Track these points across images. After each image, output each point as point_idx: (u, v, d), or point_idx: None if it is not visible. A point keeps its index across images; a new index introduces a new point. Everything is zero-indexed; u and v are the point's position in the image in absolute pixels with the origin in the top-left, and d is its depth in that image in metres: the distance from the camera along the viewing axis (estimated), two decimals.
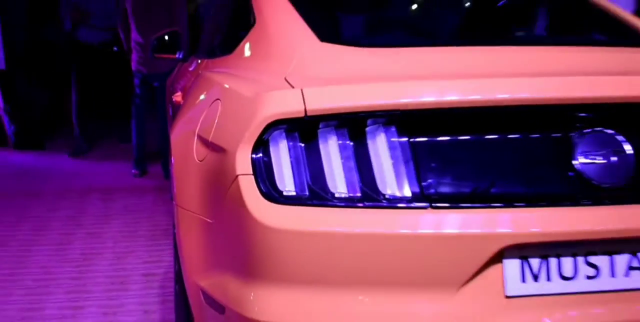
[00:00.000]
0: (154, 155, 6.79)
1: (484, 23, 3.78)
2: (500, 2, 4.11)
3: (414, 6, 3.96)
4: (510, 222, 2.02)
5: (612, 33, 3.13)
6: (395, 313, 2.01)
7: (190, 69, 4.01)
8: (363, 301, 2.01)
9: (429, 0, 4.28)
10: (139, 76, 6.47)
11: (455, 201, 2.04)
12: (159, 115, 6.30)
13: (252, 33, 2.89)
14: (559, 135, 2.13)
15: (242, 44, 2.94)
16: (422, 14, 3.99)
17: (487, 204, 2.04)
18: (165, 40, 4.39)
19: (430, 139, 2.08)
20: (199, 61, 3.81)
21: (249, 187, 2.04)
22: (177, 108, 3.68)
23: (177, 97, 3.94)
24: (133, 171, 6.64)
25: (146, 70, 6.35)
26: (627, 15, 3.19)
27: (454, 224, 2.00)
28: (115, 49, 10.05)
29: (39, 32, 8.15)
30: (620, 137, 2.13)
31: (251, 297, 2.07)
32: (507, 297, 2.03)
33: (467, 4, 4.17)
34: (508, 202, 2.05)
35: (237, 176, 2.06)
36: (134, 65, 6.49)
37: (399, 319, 2.01)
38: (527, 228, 2.02)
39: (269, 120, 2.03)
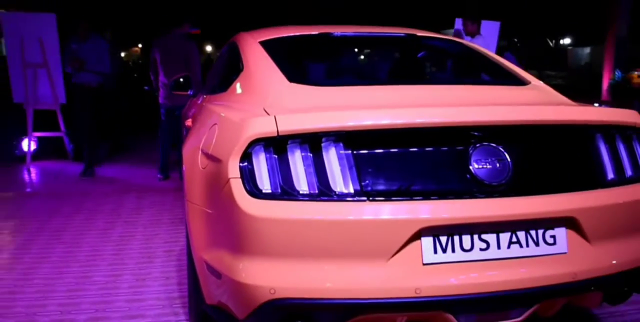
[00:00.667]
0: (174, 164, 6.75)
1: (409, 68, 3.81)
2: (420, 54, 4.14)
3: (359, 57, 3.98)
4: (426, 210, 2.04)
5: (497, 75, 3.16)
6: (345, 275, 2.01)
7: (198, 102, 3.98)
8: (323, 268, 2.01)
9: (370, 53, 4.30)
10: (165, 107, 6.43)
11: (386, 196, 2.05)
12: (179, 135, 6.27)
13: (241, 76, 2.89)
14: (460, 148, 2.15)
15: (233, 84, 2.94)
16: (364, 62, 4.01)
17: (410, 198, 2.05)
18: (180, 81, 4.36)
19: (368, 151, 2.09)
20: (204, 96, 3.79)
21: (237, 187, 2.04)
22: (188, 130, 3.66)
23: (188, 122, 3.92)
24: (159, 176, 6.59)
25: (169, 103, 6.33)
26: (507, 63, 3.22)
27: (385, 212, 2.01)
28: (146, 88, 10.02)
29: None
30: (501, 149, 2.15)
31: (240, 266, 2.07)
32: (424, 264, 2.03)
33: (397, 55, 4.19)
34: (424, 196, 2.07)
35: (229, 179, 2.06)
36: (161, 100, 6.45)
37: (348, 279, 2.01)
38: (438, 215, 2.03)
39: (252, 139, 2.04)
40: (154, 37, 6.75)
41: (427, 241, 2.03)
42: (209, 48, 36.88)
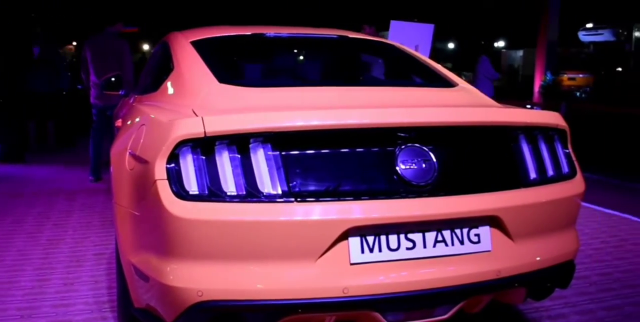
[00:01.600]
0: (106, 165, 6.61)
1: (341, 70, 3.83)
2: (353, 56, 4.17)
3: (292, 58, 3.98)
4: (353, 211, 2.05)
5: (426, 77, 3.21)
6: (273, 276, 2.01)
7: (129, 102, 3.91)
8: (251, 269, 2.01)
9: (302, 54, 4.30)
10: (96, 107, 6.30)
11: (314, 196, 2.06)
12: (110, 136, 6.16)
13: (171, 76, 2.85)
14: (387, 149, 2.17)
15: (164, 84, 2.90)
16: (297, 64, 4.01)
17: (337, 198, 2.07)
18: (112, 81, 4.27)
19: (296, 152, 2.09)
20: (135, 96, 3.72)
21: (164, 188, 2.02)
22: (117, 131, 3.59)
23: (118, 123, 3.84)
24: (90, 177, 6.45)
25: (101, 103, 6.20)
26: (436, 65, 3.28)
27: (313, 212, 2.02)
28: (79, 87, 9.80)
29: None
30: (427, 150, 2.18)
31: (168, 269, 2.04)
32: (352, 264, 2.05)
33: (328, 57, 4.21)
34: (352, 196, 2.08)
35: (155, 180, 2.03)
36: (92, 100, 6.32)
37: (276, 279, 2.01)
38: (365, 215, 2.05)
39: (179, 140, 2.01)
40: (87, 35, 6.61)
41: (354, 241, 2.05)
42: (146, 47, 36.25)
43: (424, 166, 2.15)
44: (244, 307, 2.00)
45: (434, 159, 2.17)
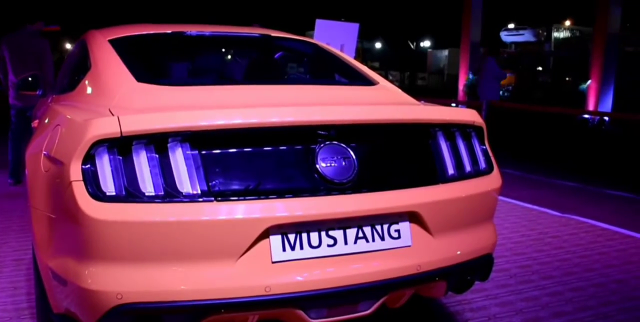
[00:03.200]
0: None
1: (263, 69, 3.82)
2: (277, 55, 4.17)
3: (213, 57, 3.95)
4: (273, 209, 2.05)
5: (347, 75, 3.24)
6: (194, 276, 1.99)
7: (47, 102, 3.79)
8: (171, 270, 1.98)
9: (225, 53, 4.27)
10: (15, 108, 6.09)
11: (234, 195, 2.05)
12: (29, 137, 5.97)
13: (88, 75, 2.78)
14: (307, 147, 2.18)
15: (80, 83, 2.83)
16: (220, 61, 3.98)
17: (256, 197, 2.06)
18: (29, 80, 4.13)
19: (215, 151, 2.08)
20: (53, 96, 3.62)
21: (80, 189, 1.97)
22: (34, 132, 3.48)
23: (35, 123, 3.72)
24: (9, 180, 6.22)
25: (19, 103, 6.00)
26: (357, 63, 3.32)
27: (232, 211, 2.01)
28: None
29: None
30: (347, 148, 2.20)
31: (86, 272, 2.00)
32: (273, 262, 2.05)
33: (255, 55, 4.20)
34: (272, 195, 2.08)
35: (71, 182, 1.98)
36: (11, 100, 6.11)
37: (197, 280, 1.99)
38: (285, 213, 2.06)
39: (94, 140, 1.97)
40: (4, 34, 6.38)
41: (275, 239, 2.05)
42: (68, 45, 35.23)
43: (343, 163, 2.17)
44: (165, 309, 1.98)
45: (354, 157, 2.20)
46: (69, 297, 2.11)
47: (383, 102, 2.68)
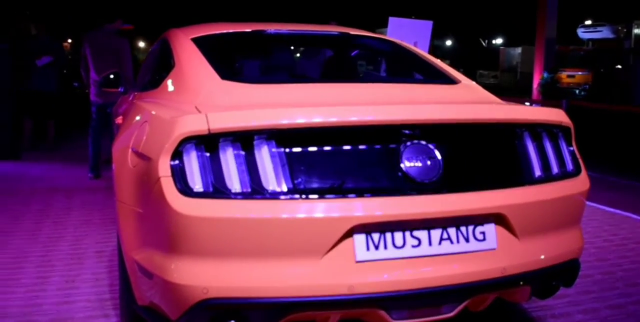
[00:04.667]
0: (105, 163, 6.62)
1: (342, 67, 3.83)
2: (353, 53, 4.17)
3: (292, 55, 3.98)
4: (358, 208, 2.05)
5: (428, 74, 3.21)
6: (278, 273, 2.01)
7: (129, 99, 3.90)
8: (256, 266, 2.01)
9: (303, 51, 4.30)
10: (96, 105, 6.30)
11: (319, 194, 2.06)
12: (110, 134, 6.16)
13: (173, 73, 2.85)
14: (391, 146, 2.17)
15: (164, 81, 2.90)
16: (298, 60, 4.01)
17: (342, 195, 2.07)
18: (110, 78, 4.26)
19: (300, 149, 2.09)
20: (135, 94, 3.72)
21: (168, 185, 2.02)
22: (118, 128, 3.59)
23: (119, 120, 3.83)
24: (89, 174, 6.44)
25: (100, 100, 6.20)
26: (438, 61, 3.28)
27: (317, 210, 2.02)
28: (75, 84, 9.81)
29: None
30: (432, 147, 2.18)
31: (172, 266, 2.04)
32: (357, 261, 2.05)
33: (330, 53, 4.21)
34: (356, 194, 2.08)
35: (159, 178, 2.03)
36: (92, 97, 6.33)
37: (281, 277, 2.01)
38: (370, 212, 2.05)
39: (183, 137, 2.01)
40: (84, 32, 6.61)
41: (359, 239, 2.05)
42: (141, 44, 36.24)
43: (428, 163, 2.16)
44: (249, 304, 2.00)
45: (439, 156, 2.17)
46: (155, 290, 2.16)
47: (467, 100, 2.64)
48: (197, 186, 2.01)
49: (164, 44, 3.36)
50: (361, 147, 2.15)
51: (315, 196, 2.04)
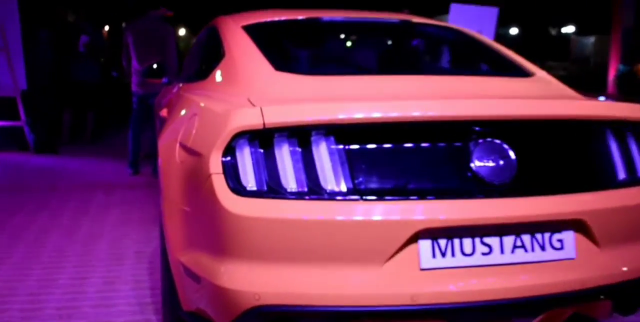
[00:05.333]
0: (146, 158, 6.74)
1: (404, 57, 3.80)
2: (414, 42, 4.14)
3: (350, 44, 3.97)
4: (424, 211, 2.03)
5: (498, 66, 3.17)
6: (336, 280, 2.00)
7: (174, 90, 3.95)
8: (312, 272, 2.00)
9: (360, 39, 4.29)
10: (137, 96, 6.40)
11: (380, 194, 2.04)
12: (151, 127, 6.24)
13: (223, 63, 2.87)
14: (459, 144, 2.14)
15: (214, 71, 2.92)
16: (356, 50, 4.00)
17: (406, 197, 2.05)
18: (154, 67, 4.33)
19: (361, 146, 2.08)
20: (180, 85, 3.76)
21: (220, 183, 2.03)
22: (163, 121, 3.63)
23: (163, 112, 3.88)
24: (128, 170, 6.55)
25: (142, 91, 6.29)
26: (510, 52, 3.23)
27: (379, 212, 2.00)
28: (114, 74, 10.00)
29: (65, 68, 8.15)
30: (506, 146, 2.15)
31: (222, 270, 2.05)
32: (422, 269, 2.03)
33: (389, 43, 4.19)
34: (421, 195, 2.06)
35: (210, 174, 2.05)
36: (133, 87, 6.43)
37: (339, 284, 2.00)
38: (437, 216, 2.03)
39: (236, 131, 2.02)
40: (125, 20, 6.72)
41: (425, 244, 2.03)
42: (182, 31, 36.70)
43: (501, 163, 2.12)
44: (303, 313, 2.00)
45: (512, 156, 2.14)
46: (202, 294, 2.18)
47: (542, 95, 2.59)
48: (250, 184, 2.01)
49: (213, 32, 3.39)
50: (427, 145, 2.13)
51: (377, 197, 2.03)
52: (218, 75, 2.86)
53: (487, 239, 2.08)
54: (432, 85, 2.62)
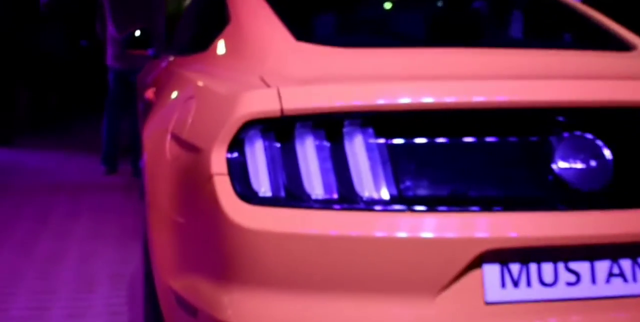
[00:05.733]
0: (125, 152, 6.76)
1: (460, 24, 3.78)
2: (476, 4, 4.12)
3: (391, 7, 3.95)
4: (489, 226, 2.01)
5: (588, 36, 3.14)
6: (375, 316, 2.00)
7: (162, 65, 3.97)
8: (341, 306, 2.00)
9: (405, 1, 4.28)
10: (115, 72, 6.46)
11: (433, 204, 2.03)
12: (132, 112, 6.25)
13: (227, 31, 2.88)
14: (537, 138, 2.13)
15: (216, 41, 2.93)
16: (398, 14, 3.98)
17: (466, 208, 2.03)
18: (137, 36, 4.35)
19: (407, 140, 2.07)
20: (171, 58, 3.78)
21: (224, 187, 2.03)
22: (148, 105, 3.65)
23: (149, 93, 3.90)
24: (102, 167, 6.60)
25: (121, 65, 6.32)
26: (602, 18, 3.20)
27: (432, 227, 1.99)
28: (83, 43, 10.06)
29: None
30: (599, 142, 2.13)
31: (226, 301, 2.05)
32: (487, 303, 2.01)
33: (442, 5, 4.17)
34: (486, 205, 2.05)
35: (211, 176, 2.05)
36: (108, 60, 6.47)
37: (376, 321, 2.00)
38: (506, 233, 2.01)
39: (245, 120, 2.02)
40: None
41: (491, 270, 2.02)
42: None
43: (593, 164, 2.11)
44: None
45: (609, 155, 2.12)
46: None
47: None
48: (264, 188, 2.02)
49: None
50: (494, 139, 2.12)
51: (429, 208, 2.02)
52: (221, 46, 2.87)
53: (573, 265, 2.06)
54: (500, 62, 2.60)
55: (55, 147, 7.82)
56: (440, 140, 2.09)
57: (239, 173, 2.03)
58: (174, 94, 2.77)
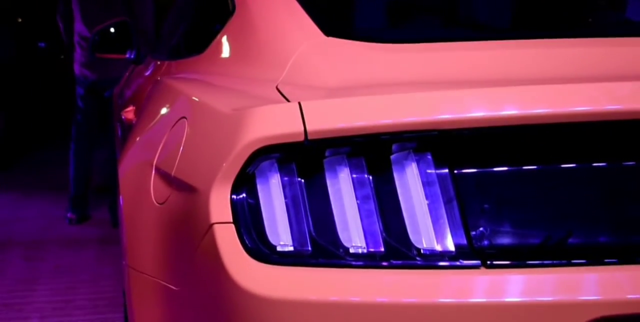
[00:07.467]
0: (100, 192, 6.79)
1: (548, 8, 3.78)
2: None
3: None
4: (600, 285, 1.99)
5: None
6: None
7: (146, 73, 3.99)
8: None
9: None
10: (84, 83, 6.48)
11: (517, 257, 2.02)
12: (108, 137, 6.24)
13: (231, 25, 2.89)
14: None
15: (216, 40, 2.95)
16: None
17: (564, 261, 2.02)
18: (111, 33, 4.34)
19: (480, 169, 2.07)
20: (158, 63, 3.80)
21: (228, 240, 2.02)
22: (127, 128, 3.67)
23: (128, 113, 3.92)
24: (69, 214, 6.62)
25: (92, 75, 6.32)
26: None
27: (517, 289, 1.98)
28: (41, 45, 10.22)
29: None
30: None
31: None
32: None
33: None
34: (595, 257, 2.03)
35: (211, 225, 2.05)
36: (76, 68, 6.51)
37: None
38: (624, 294, 1.99)
39: (256, 147, 2.01)
40: None
41: None
42: None
43: None
44: None
45: None
46: None
47: None
48: (283, 241, 2.01)
49: None
50: (600, 165, 2.11)
51: (511, 263, 2.01)
52: (223, 47, 2.89)
53: None
54: (608, 57, 2.60)
55: (4, 186, 7.88)
56: (527, 167, 2.09)
57: (248, 221, 2.03)
58: (160, 113, 2.78)
